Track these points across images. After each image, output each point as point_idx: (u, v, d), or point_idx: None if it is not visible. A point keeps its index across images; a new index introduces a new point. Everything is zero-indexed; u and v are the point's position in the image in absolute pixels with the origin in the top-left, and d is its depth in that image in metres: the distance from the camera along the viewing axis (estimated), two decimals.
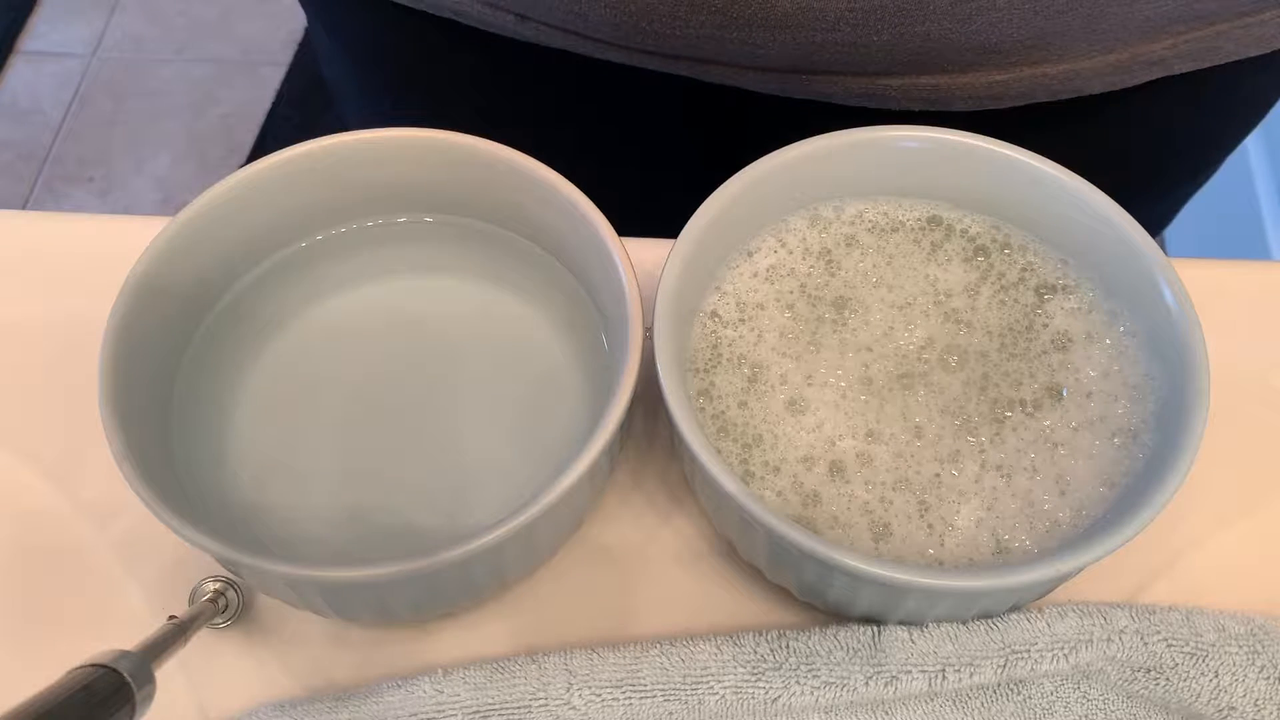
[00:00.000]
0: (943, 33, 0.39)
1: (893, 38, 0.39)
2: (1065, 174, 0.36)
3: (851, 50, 0.40)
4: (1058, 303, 0.36)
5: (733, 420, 0.35)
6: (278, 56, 1.56)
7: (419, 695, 0.33)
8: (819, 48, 0.40)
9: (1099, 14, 0.39)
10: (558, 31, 0.43)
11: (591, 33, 0.42)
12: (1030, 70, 0.42)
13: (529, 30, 0.43)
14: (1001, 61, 0.41)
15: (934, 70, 0.41)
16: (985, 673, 0.33)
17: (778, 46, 0.40)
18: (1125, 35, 0.41)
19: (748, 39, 0.39)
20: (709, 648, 0.33)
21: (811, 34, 0.39)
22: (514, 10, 0.43)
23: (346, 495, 0.35)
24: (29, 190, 1.46)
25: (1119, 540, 0.30)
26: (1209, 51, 0.43)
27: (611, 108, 0.50)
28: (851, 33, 0.39)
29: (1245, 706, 0.33)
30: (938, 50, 0.40)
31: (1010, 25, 0.39)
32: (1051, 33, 0.39)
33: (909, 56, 0.40)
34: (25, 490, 0.38)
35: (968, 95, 0.42)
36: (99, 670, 0.26)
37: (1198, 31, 0.42)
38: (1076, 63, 0.42)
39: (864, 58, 0.40)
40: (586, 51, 0.44)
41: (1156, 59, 0.42)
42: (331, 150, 0.37)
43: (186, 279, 0.36)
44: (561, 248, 0.38)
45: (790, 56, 0.40)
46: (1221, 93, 0.48)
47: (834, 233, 0.38)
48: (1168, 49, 0.42)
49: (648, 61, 0.43)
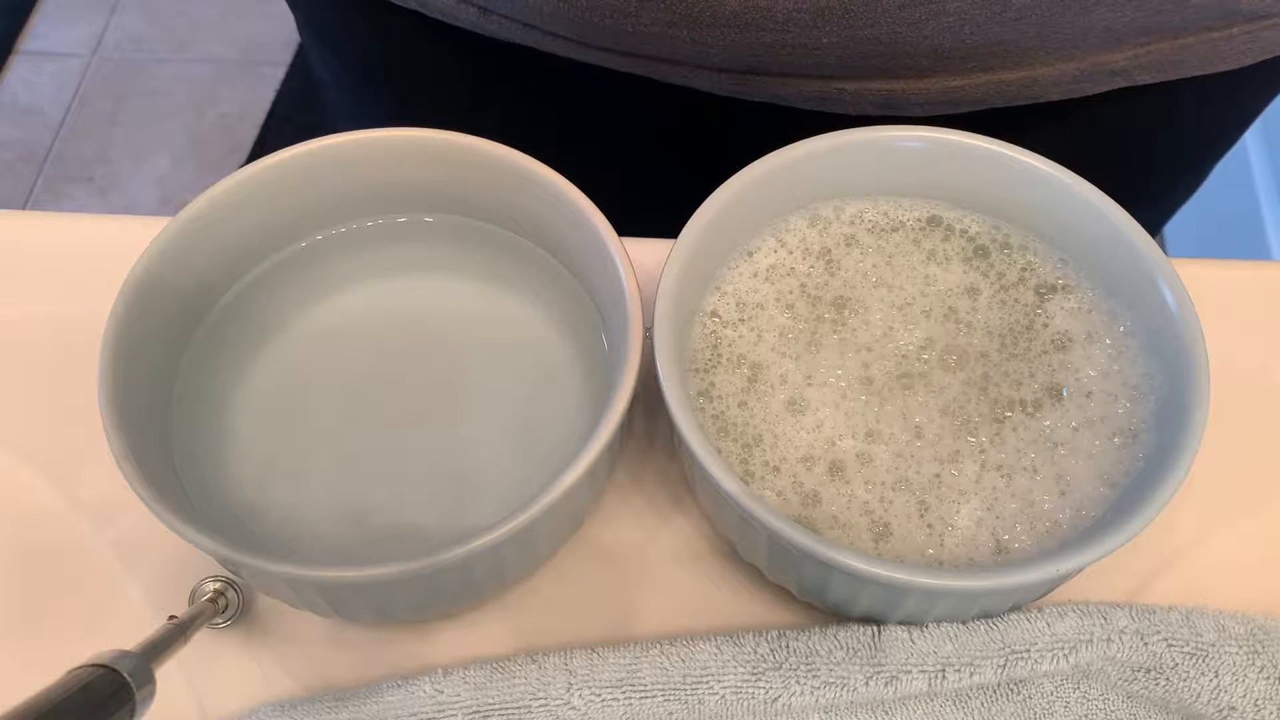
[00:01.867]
0: (894, 37, 0.38)
1: (843, 40, 0.39)
2: (1066, 174, 0.36)
3: (802, 52, 0.39)
4: (1058, 303, 0.36)
5: (733, 420, 0.35)
6: (278, 56, 1.56)
7: (419, 695, 0.33)
8: (769, 48, 0.39)
9: (1055, 22, 0.38)
10: (518, 25, 0.43)
11: (548, 27, 0.42)
12: (986, 76, 0.41)
13: (491, 24, 0.43)
14: (958, 67, 0.41)
15: (888, 74, 0.41)
16: (985, 673, 0.33)
17: (728, 46, 0.40)
18: (1084, 44, 0.40)
19: (698, 37, 0.39)
20: (709, 648, 0.33)
21: (760, 34, 0.39)
22: (475, 3, 0.43)
23: (346, 495, 0.35)
24: (29, 190, 1.46)
25: (1119, 540, 0.30)
26: (1173, 64, 0.42)
27: (610, 108, 0.50)
28: (801, 34, 0.38)
29: (1245, 706, 0.33)
30: (890, 54, 0.40)
31: (963, 31, 0.38)
32: (1007, 40, 0.39)
33: (861, 60, 0.40)
34: (25, 490, 0.38)
35: (923, 100, 0.42)
36: (99, 670, 0.26)
37: (1160, 44, 0.41)
38: (1034, 70, 0.41)
39: (816, 60, 0.40)
40: (550, 48, 0.44)
41: (1118, 69, 0.42)
42: (331, 150, 0.37)
43: (186, 279, 0.36)
44: (561, 248, 0.38)
45: (741, 57, 0.40)
46: (1191, 107, 0.48)
47: (834, 233, 0.38)
48: (1128, 59, 0.42)
49: (609, 60, 0.43)
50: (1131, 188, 0.39)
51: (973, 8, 0.37)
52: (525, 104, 0.50)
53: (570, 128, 0.51)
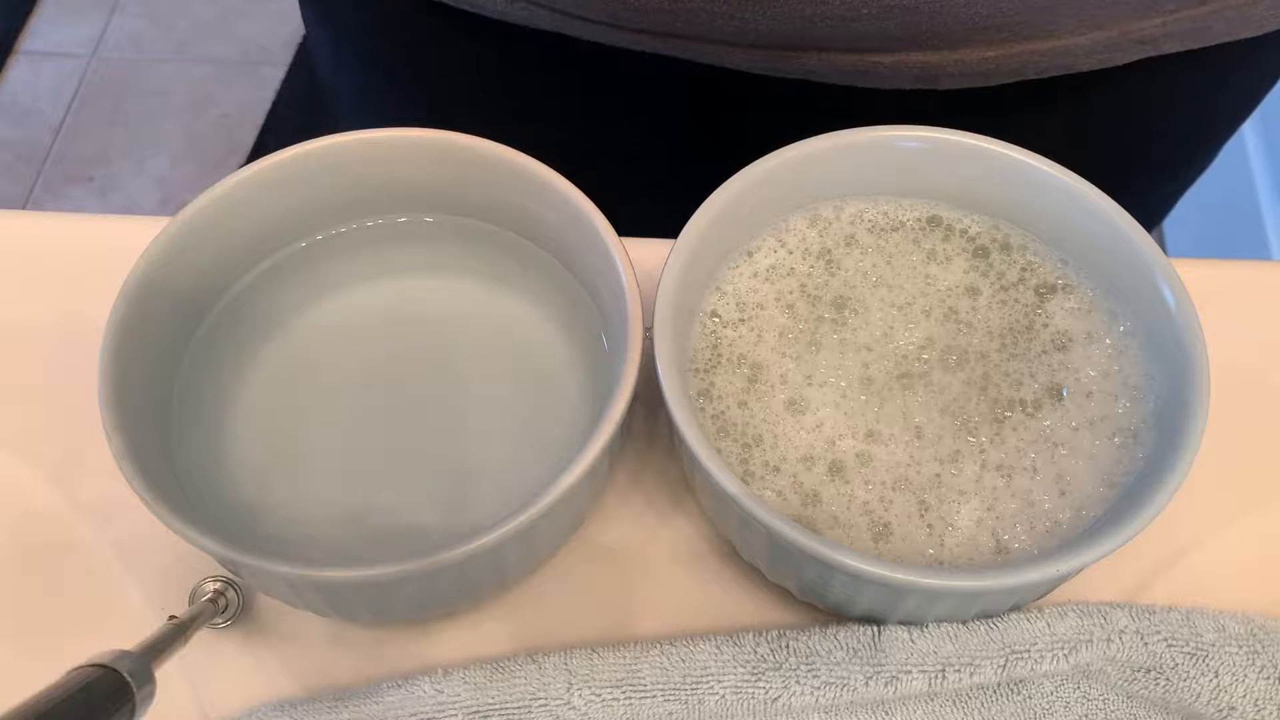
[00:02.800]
0: (932, 8, 0.39)
1: (881, 11, 0.39)
2: (1065, 174, 0.36)
3: (840, 24, 0.40)
4: (1058, 303, 0.36)
5: (733, 420, 0.35)
6: (278, 56, 1.56)
7: (419, 695, 0.33)
8: (808, 21, 0.39)
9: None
10: (545, 10, 0.43)
11: (580, 10, 0.42)
12: (1020, 47, 0.41)
13: (519, 11, 0.43)
14: (992, 37, 0.41)
15: (924, 46, 0.41)
16: (985, 673, 0.33)
17: (767, 20, 0.40)
18: (1115, 12, 0.41)
19: (736, 12, 0.39)
20: (709, 648, 0.33)
21: (800, 6, 0.39)
22: None
23: (346, 495, 0.35)
24: (29, 190, 1.46)
25: (1119, 540, 0.30)
26: (1199, 32, 0.42)
27: (612, 106, 0.50)
28: (840, 6, 0.38)
29: (1245, 706, 0.33)
30: (927, 25, 0.40)
31: (1001, 1, 0.39)
32: (1041, 8, 0.39)
33: (898, 31, 0.40)
34: (25, 490, 0.38)
35: (957, 72, 0.42)
36: (99, 670, 0.26)
37: (1189, 10, 0.41)
38: (1066, 39, 0.41)
39: (853, 33, 0.40)
40: (577, 33, 0.43)
41: (1146, 38, 0.42)
42: (331, 150, 0.37)
43: (186, 279, 0.36)
44: (561, 248, 0.38)
45: (779, 31, 0.40)
46: (1213, 77, 0.48)
47: (834, 233, 0.38)
48: (1157, 27, 0.42)
49: (638, 41, 0.43)
50: (1144, 168, 0.39)
51: None
52: (527, 99, 0.50)
53: (578, 127, 0.51)
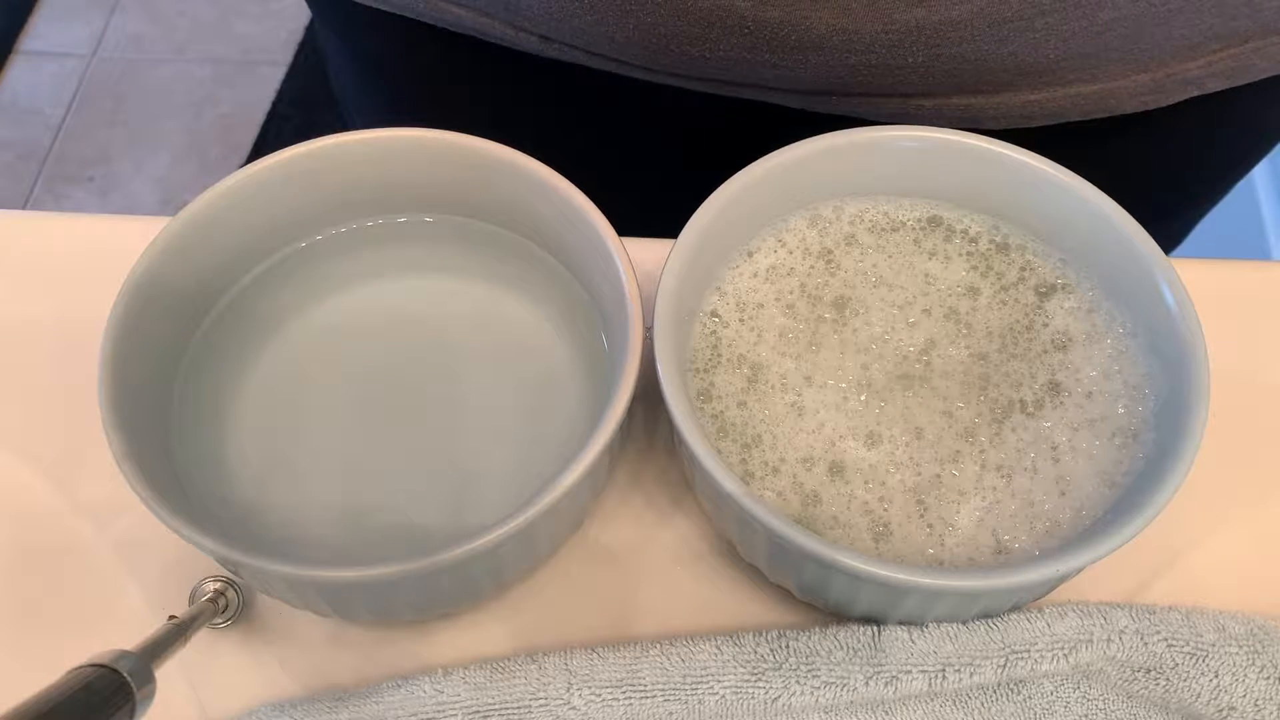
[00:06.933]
0: (979, 54, 0.38)
1: (927, 59, 0.38)
2: (1065, 174, 0.36)
3: (885, 72, 0.39)
4: (1058, 303, 0.36)
5: (733, 420, 0.35)
6: (278, 56, 1.56)
7: (419, 695, 0.33)
8: (852, 70, 0.39)
9: (1136, 34, 0.38)
10: (581, 53, 0.43)
11: (618, 55, 0.42)
12: (1064, 90, 0.41)
13: (553, 50, 0.43)
14: (1036, 81, 0.40)
15: (968, 91, 0.41)
16: (985, 673, 0.33)
17: (810, 69, 0.39)
18: (1161, 55, 0.40)
19: (779, 62, 0.39)
20: (709, 648, 0.33)
21: (845, 56, 0.38)
22: (538, 33, 0.42)
23: (346, 495, 0.35)
24: (29, 190, 1.46)
25: (1119, 540, 0.30)
26: (1243, 70, 0.42)
27: (615, 113, 0.50)
28: (886, 54, 0.38)
29: (1245, 706, 0.33)
30: (972, 71, 0.39)
31: (1047, 46, 0.38)
32: (1088, 53, 0.39)
33: (943, 77, 0.40)
34: (25, 490, 0.38)
35: (1000, 115, 0.42)
36: (99, 670, 0.26)
37: (1232, 49, 0.41)
38: (1111, 82, 0.41)
39: (897, 80, 0.40)
40: (609, 69, 0.43)
41: (1191, 78, 0.42)
42: (331, 150, 0.37)
43: (186, 279, 0.36)
44: (561, 248, 0.38)
45: (822, 79, 0.40)
46: (1249, 110, 0.48)
47: (834, 233, 0.38)
48: (1202, 68, 0.41)
49: (670, 81, 0.43)
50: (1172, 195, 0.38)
51: (1061, 23, 0.37)
52: (525, 105, 0.50)
53: (570, 128, 0.51)
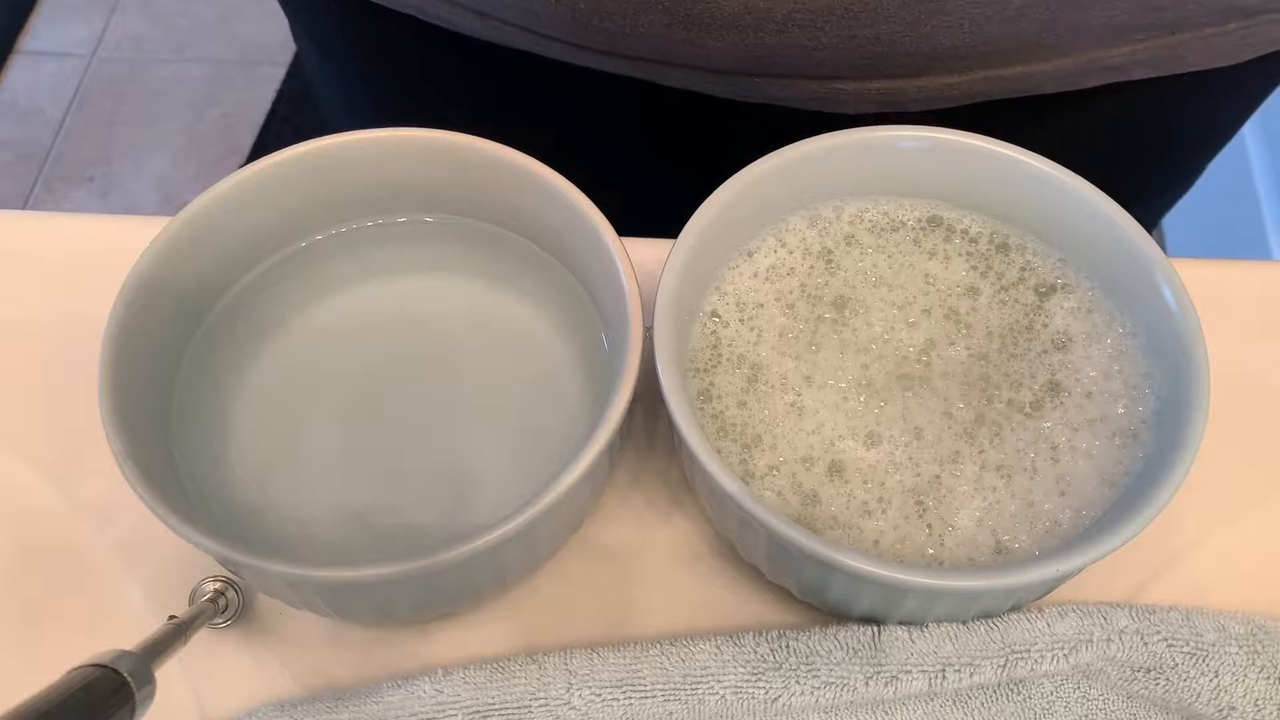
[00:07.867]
0: (893, 36, 0.38)
1: (842, 40, 0.39)
2: (1065, 174, 0.36)
3: (801, 52, 0.39)
4: (1058, 303, 0.36)
5: (733, 420, 0.35)
6: (278, 56, 1.56)
7: (419, 695, 0.33)
8: (768, 49, 0.39)
9: (1053, 20, 0.38)
10: (515, 29, 0.43)
11: (546, 30, 0.42)
12: (984, 73, 0.41)
13: (490, 29, 0.43)
14: (956, 65, 0.41)
15: (886, 74, 0.41)
16: (985, 673, 0.33)
17: (726, 48, 0.39)
18: (1081, 41, 0.40)
19: (696, 39, 0.39)
20: (709, 648, 0.33)
21: (760, 35, 0.39)
22: (472, 7, 0.43)
23: (346, 495, 0.35)
24: (29, 190, 1.46)
25: (1119, 540, 0.30)
26: (1171, 60, 0.42)
27: (609, 110, 0.50)
28: (800, 35, 0.38)
29: (1245, 706, 0.33)
30: (889, 54, 0.40)
31: (962, 30, 0.38)
32: (1005, 37, 0.39)
33: (860, 60, 0.40)
34: (25, 490, 0.38)
35: (922, 98, 0.42)
36: (99, 670, 0.26)
37: (1158, 40, 0.41)
38: (1031, 65, 0.41)
39: (814, 61, 0.40)
40: (548, 53, 0.44)
41: (1114, 65, 0.42)
42: (331, 150, 0.37)
43: (186, 279, 0.36)
44: (561, 248, 0.38)
45: (740, 58, 0.40)
46: (1187, 101, 0.48)
47: (834, 233, 0.38)
48: (1125, 56, 0.42)
49: (606, 63, 0.43)
50: (1126, 183, 0.39)
51: (971, 6, 0.37)
52: (525, 105, 0.50)
53: (570, 128, 0.51)
